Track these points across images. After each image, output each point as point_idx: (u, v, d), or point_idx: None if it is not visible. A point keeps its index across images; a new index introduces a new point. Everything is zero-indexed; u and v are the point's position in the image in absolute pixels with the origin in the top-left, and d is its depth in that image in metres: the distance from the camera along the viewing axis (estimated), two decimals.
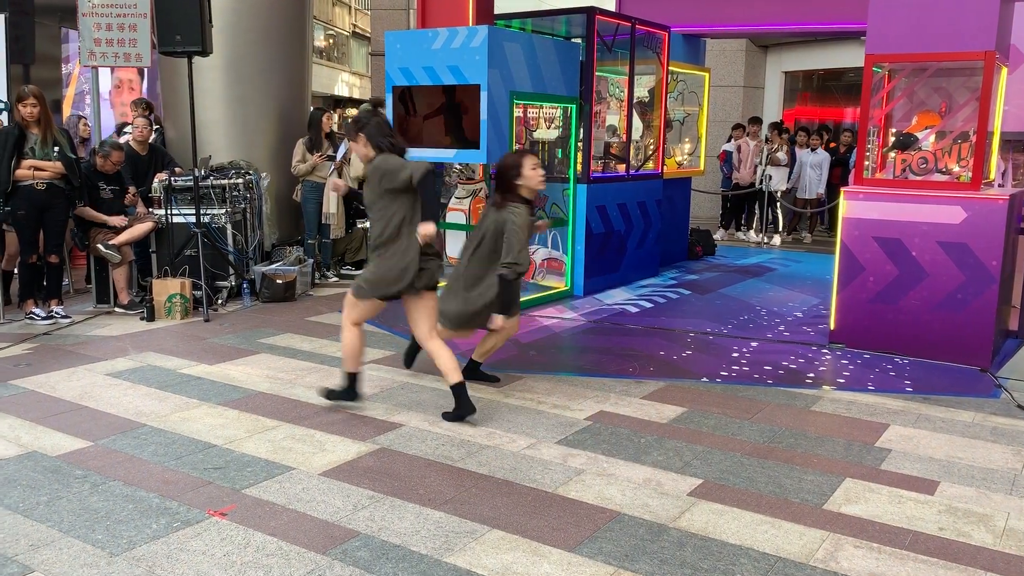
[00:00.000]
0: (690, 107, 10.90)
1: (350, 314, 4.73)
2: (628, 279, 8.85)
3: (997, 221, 5.68)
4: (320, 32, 33.24)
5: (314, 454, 4.17)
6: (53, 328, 6.64)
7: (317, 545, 3.27)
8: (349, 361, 4.77)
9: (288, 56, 9.09)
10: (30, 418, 4.63)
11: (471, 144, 6.91)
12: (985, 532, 3.48)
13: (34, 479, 3.85)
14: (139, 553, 3.19)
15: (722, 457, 4.22)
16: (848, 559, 3.23)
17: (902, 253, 5.96)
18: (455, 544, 3.30)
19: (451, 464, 4.07)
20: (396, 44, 7.25)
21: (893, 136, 6.69)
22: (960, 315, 5.82)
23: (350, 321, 4.73)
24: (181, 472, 3.94)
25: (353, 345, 4.73)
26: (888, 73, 6.54)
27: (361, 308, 4.70)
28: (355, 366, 4.80)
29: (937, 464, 4.19)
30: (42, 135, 6.61)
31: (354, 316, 4.72)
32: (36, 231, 6.71)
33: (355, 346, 4.74)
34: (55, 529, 3.38)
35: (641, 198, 8.89)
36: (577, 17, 8.11)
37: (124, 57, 8.17)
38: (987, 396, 5.28)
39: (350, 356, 4.75)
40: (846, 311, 6.24)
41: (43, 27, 10.58)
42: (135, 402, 4.92)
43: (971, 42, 5.75)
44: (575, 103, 7.92)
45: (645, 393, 5.22)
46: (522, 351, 6.14)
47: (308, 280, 8.32)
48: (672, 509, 3.63)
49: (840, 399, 5.18)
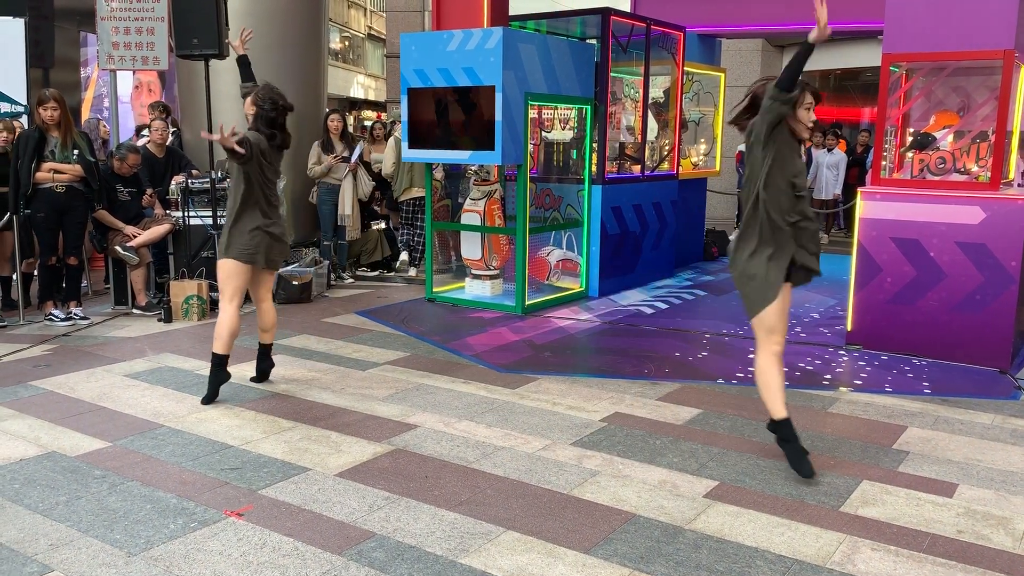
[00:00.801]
0: (705, 107, 10.87)
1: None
2: (643, 280, 8.83)
3: (1017, 221, 5.62)
4: (335, 34, 33.37)
5: (330, 455, 4.19)
6: (72, 329, 6.70)
7: (333, 546, 3.29)
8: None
9: (304, 58, 9.13)
10: (49, 419, 4.68)
11: (486, 145, 6.92)
12: (1004, 535, 3.45)
13: (53, 479, 3.88)
14: (157, 553, 3.22)
15: (738, 459, 4.21)
16: (865, 562, 3.21)
17: (920, 254, 5.91)
18: (470, 545, 3.30)
19: (466, 465, 4.08)
20: (411, 46, 7.27)
21: (911, 136, 6.64)
22: (979, 316, 5.77)
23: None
24: (198, 473, 3.97)
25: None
26: (905, 72, 6.49)
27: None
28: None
29: (956, 466, 4.15)
30: (62, 138, 6.67)
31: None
32: (55, 233, 6.77)
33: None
34: (74, 529, 3.41)
35: (656, 199, 8.87)
36: (592, 18, 8.11)
37: (142, 60, 8.24)
38: (1006, 398, 5.23)
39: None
40: (863, 312, 6.20)
41: (62, 31, 10.68)
42: (153, 403, 4.96)
43: (989, 41, 5.70)
44: (590, 104, 7.91)
45: (661, 394, 5.21)
46: (537, 352, 6.14)
47: (324, 281, 8.36)
48: (688, 511, 3.62)
49: (857, 401, 5.14)
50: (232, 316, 4.94)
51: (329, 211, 8.73)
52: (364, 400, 5.03)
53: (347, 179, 8.65)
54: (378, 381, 5.42)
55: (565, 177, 8.26)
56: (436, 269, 8.21)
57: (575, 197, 8.12)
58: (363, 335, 6.62)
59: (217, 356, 4.94)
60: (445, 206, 8.80)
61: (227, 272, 4.94)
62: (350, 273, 9.17)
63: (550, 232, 8.25)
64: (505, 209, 7.99)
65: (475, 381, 5.42)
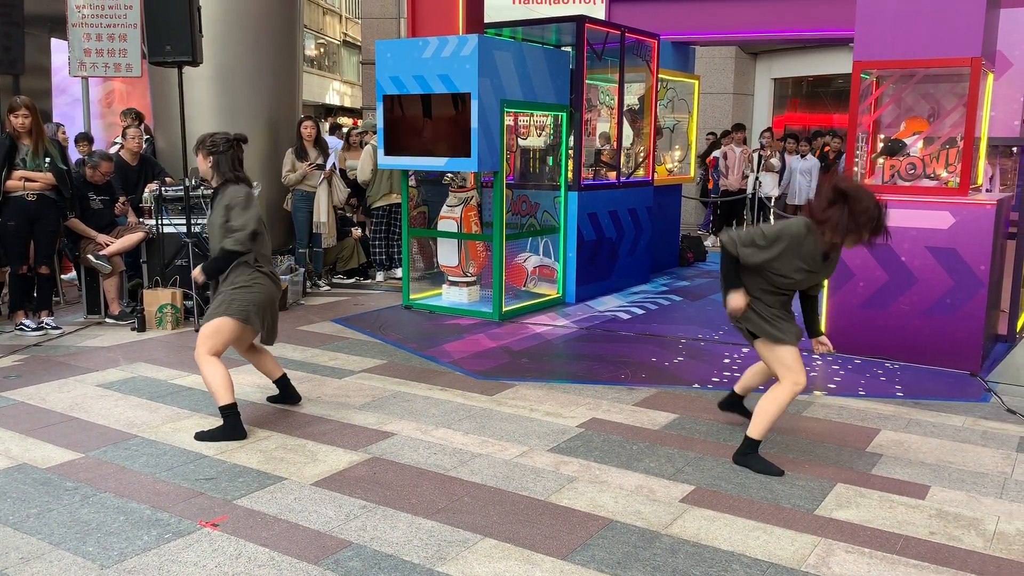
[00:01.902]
0: (680, 114, 10.96)
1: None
2: (620, 286, 8.87)
3: (985, 226, 5.71)
4: (311, 41, 33.27)
5: (306, 464, 4.17)
6: (43, 339, 6.62)
7: (309, 555, 3.27)
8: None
9: (278, 65, 9.09)
10: (20, 430, 4.61)
11: (462, 152, 6.93)
12: (976, 536, 3.50)
13: (24, 491, 3.83)
14: (130, 565, 3.18)
15: (714, 463, 4.23)
16: (840, 564, 3.24)
17: (891, 258, 5.99)
18: (447, 553, 3.29)
19: (443, 473, 4.07)
20: (387, 53, 7.26)
21: (881, 142, 6.72)
22: (950, 320, 5.85)
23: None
24: (172, 483, 3.93)
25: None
26: (876, 79, 6.58)
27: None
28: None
29: (928, 468, 4.20)
30: (33, 146, 6.59)
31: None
32: (26, 242, 6.69)
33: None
34: (45, 542, 3.36)
35: (632, 205, 8.92)
36: (567, 26, 8.14)
37: (114, 67, 8.17)
38: (977, 400, 5.31)
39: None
40: (836, 316, 6.27)
41: (32, 37, 10.56)
42: (126, 413, 4.91)
43: (957, 49, 5.80)
44: (565, 111, 7.95)
45: (637, 400, 5.23)
46: (514, 358, 6.15)
47: (300, 289, 8.32)
48: (664, 516, 3.64)
49: (831, 404, 5.19)
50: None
51: (304, 218, 8.69)
52: (340, 408, 5.01)
53: (322, 186, 8.61)
54: (355, 389, 5.39)
55: (541, 183, 8.29)
56: (415, 276, 8.20)
57: (551, 203, 8.14)
58: (339, 343, 6.59)
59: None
60: (422, 213, 8.79)
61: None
62: (326, 280, 9.13)
63: (527, 238, 8.26)
64: (482, 216, 8.00)
65: (452, 388, 5.41)
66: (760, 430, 4.12)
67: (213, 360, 4.48)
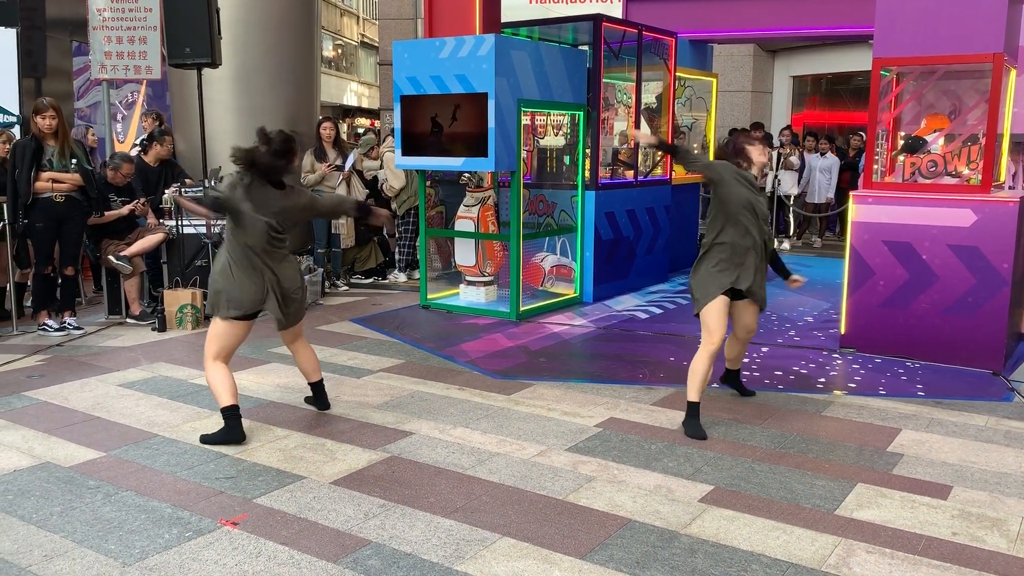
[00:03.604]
0: (698, 113, 10.90)
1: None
2: (637, 285, 8.84)
3: (1008, 223, 5.65)
4: (328, 42, 33.40)
5: (325, 463, 4.19)
6: (66, 339, 6.69)
7: (328, 554, 3.28)
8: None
9: (297, 66, 9.15)
10: (43, 429, 4.66)
11: (480, 152, 6.93)
12: (999, 537, 3.46)
13: (47, 490, 3.87)
14: (151, 563, 3.21)
15: (733, 463, 4.21)
16: (860, 565, 3.22)
17: (912, 257, 5.94)
18: (466, 552, 3.30)
19: (461, 472, 4.08)
20: (404, 54, 7.28)
21: (902, 139, 6.67)
22: (972, 318, 5.79)
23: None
24: (193, 482, 3.96)
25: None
26: (896, 76, 6.53)
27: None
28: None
29: (950, 468, 4.16)
30: (59, 147, 6.66)
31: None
32: (53, 243, 6.76)
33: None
34: (68, 539, 3.40)
35: (650, 204, 8.89)
36: (584, 24, 8.13)
37: (135, 70, 8.24)
38: (1000, 400, 5.25)
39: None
40: (857, 315, 6.22)
41: (54, 41, 10.69)
42: (147, 412, 4.95)
43: (979, 44, 5.74)
44: (582, 110, 7.93)
45: (655, 399, 5.22)
46: (532, 358, 6.14)
47: (318, 289, 8.36)
48: (683, 516, 3.62)
49: (851, 404, 5.16)
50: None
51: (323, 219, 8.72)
52: (359, 408, 5.03)
53: (340, 187, 8.65)
54: (373, 388, 5.41)
55: (559, 183, 8.28)
56: (432, 276, 8.21)
57: (569, 203, 8.13)
58: (358, 342, 6.62)
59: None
60: (439, 213, 8.80)
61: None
62: (344, 280, 9.17)
63: (544, 238, 8.26)
64: (499, 215, 8.00)
65: (470, 388, 5.41)
66: (691, 391, 4.61)
67: (216, 363, 4.53)
